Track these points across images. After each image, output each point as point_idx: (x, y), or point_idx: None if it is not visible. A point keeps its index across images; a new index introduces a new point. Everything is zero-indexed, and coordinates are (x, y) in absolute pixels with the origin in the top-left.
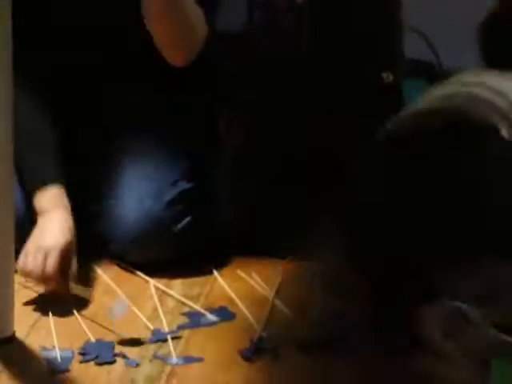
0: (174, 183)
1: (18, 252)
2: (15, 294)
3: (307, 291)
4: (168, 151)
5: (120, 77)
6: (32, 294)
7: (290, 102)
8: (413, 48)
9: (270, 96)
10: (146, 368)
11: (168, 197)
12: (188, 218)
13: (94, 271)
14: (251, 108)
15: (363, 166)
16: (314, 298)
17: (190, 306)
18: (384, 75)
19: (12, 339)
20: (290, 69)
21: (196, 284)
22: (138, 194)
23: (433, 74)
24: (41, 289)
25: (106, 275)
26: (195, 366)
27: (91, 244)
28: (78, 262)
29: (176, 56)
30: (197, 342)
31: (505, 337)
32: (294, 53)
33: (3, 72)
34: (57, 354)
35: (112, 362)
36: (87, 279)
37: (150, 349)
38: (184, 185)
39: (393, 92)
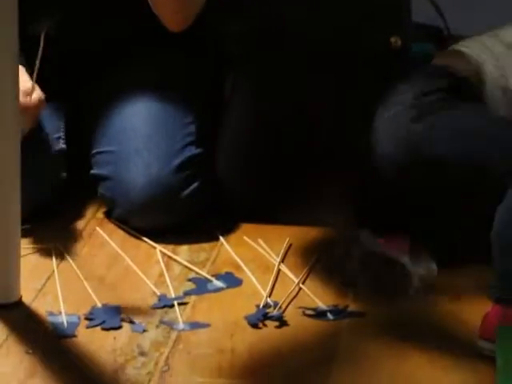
0: (183, 148)
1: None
2: (22, 259)
3: (313, 257)
4: (176, 116)
5: (128, 42)
6: (39, 259)
7: (297, 68)
8: (420, 12)
9: (276, 62)
10: (153, 333)
11: (176, 162)
12: (196, 184)
13: (100, 236)
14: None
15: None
16: (320, 263)
17: (197, 272)
18: (392, 40)
19: (18, 304)
20: (296, 35)
21: (202, 250)
22: (146, 158)
23: (441, 38)
24: None
25: (112, 240)
26: (201, 331)
27: (97, 208)
28: (86, 226)
29: (173, 21)
30: (203, 307)
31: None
32: (299, 18)
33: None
34: (63, 319)
35: (118, 328)
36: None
37: (157, 314)
38: (192, 150)
39: (401, 57)
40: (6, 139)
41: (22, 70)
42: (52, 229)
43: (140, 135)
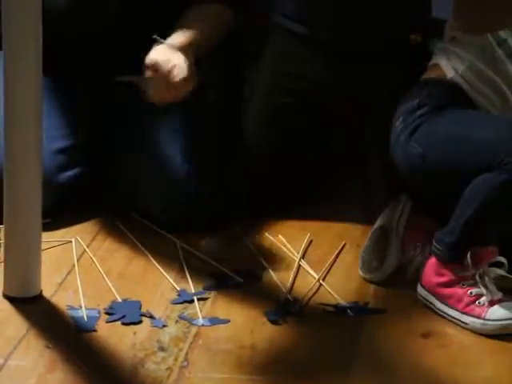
0: (202, 145)
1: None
2: (42, 252)
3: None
4: (193, 115)
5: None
6: (60, 253)
7: (319, 64)
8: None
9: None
10: (172, 329)
11: (195, 159)
12: (215, 179)
13: (121, 231)
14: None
15: None
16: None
17: (217, 268)
18: (413, 37)
19: (39, 298)
20: (318, 31)
21: (223, 245)
22: (164, 157)
23: None
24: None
25: (133, 235)
26: (221, 327)
27: (119, 204)
28: (107, 221)
29: None
30: (223, 303)
31: None
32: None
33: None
34: (83, 313)
35: (138, 323)
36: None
37: (176, 309)
38: (210, 146)
39: (421, 53)
40: (26, 137)
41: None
42: (73, 223)
43: (156, 135)
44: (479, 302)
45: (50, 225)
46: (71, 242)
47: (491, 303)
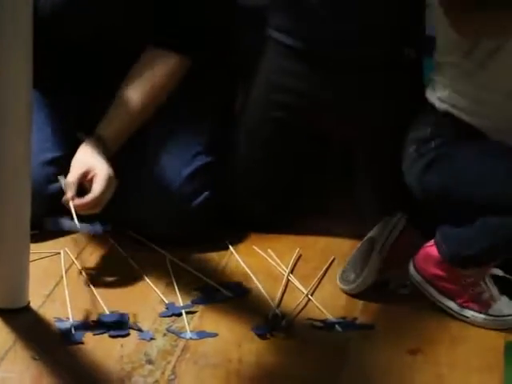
0: (193, 158)
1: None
2: (30, 264)
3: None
4: (186, 126)
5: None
6: (48, 265)
7: (313, 78)
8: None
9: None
10: (160, 342)
11: (186, 172)
12: (206, 193)
13: (110, 243)
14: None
15: None
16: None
17: (205, 281)
18: (406, 52)
19: (26, 309)
20: (313, 45)
21: (211, 259)
22: (157, 168)
23: None
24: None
25: (122, 248)
26: (209, 341)
27: (108, 215)
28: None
29: None
30: (211, 317)
31: None
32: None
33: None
34: (71, 325)
35: (126, 335)
36: (102, 250)
37: (164, 323)
38: (202, 159)
39: (414, 68)
40: (16, 149)
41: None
42: (61, 235)
43: (150, 146)
44: (481, 298)
45: (38, 236)
46: (59, 253)
47: (493, 298)
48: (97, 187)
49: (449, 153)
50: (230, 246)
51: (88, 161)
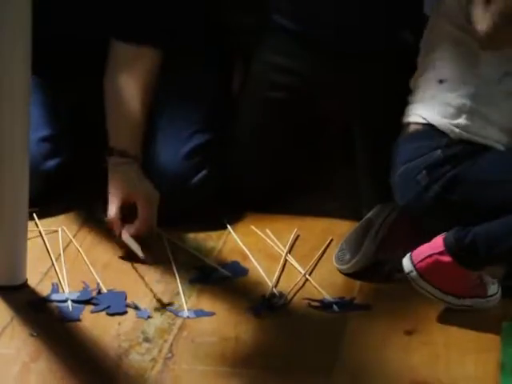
0: (191, 136)
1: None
2: (28, 242)
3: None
4: (184, 105)
5: None
6: (46, 243)
7: (313, 61)
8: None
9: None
10: (157, 320)
11: (184, 150)
12: (204, 171)
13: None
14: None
15: None
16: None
17: (203, 261)
18: (404, 35)
19: (24, 287)
20: (315, 29)
21: (209, 238)
22: (155, 147)
23: None
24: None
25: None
26: (206, 319)
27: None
28: (93, 212)
29: None
30: (208, 296)
31: None
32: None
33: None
34: (68, 303)
35: (123, 313)
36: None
37: (162, 301)
38: (200, 138)
39: (413, 52)
40: (14, 125)
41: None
42: (59, 213)
43: (148, 125)
44: (480, 285)
45: (36, 214)
46: (57, 231)
47: (488, 280)
48: (142, 213)
49: (465, 169)
50: (228, 226)
51: (123, 190)
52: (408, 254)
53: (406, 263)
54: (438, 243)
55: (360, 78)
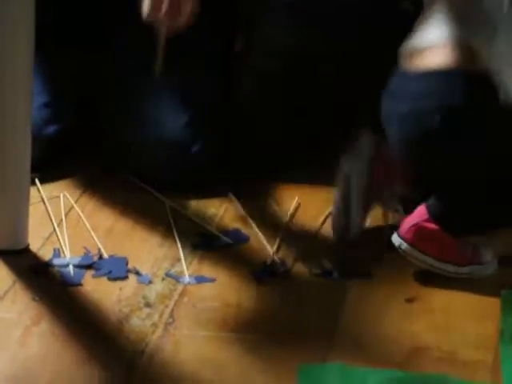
0: (191, 103)
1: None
2: (30, 207)
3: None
4: (185, 71)
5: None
6: (47, 208)
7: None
8: None
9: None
10: (158, 286)
11: (185, 117)
12: (205, 139)
13: (110, 187)
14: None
15: None
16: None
17: (205, 227)
18: (403, 4)
19: (26, 251)
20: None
21: (211, 205)
22: (155, 114)
23: None
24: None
25: (121, 193)
26: (207, 285)
27: (108, 160)
28: (95, 178)
29: None
30: (210, 262)
31: None
32: None
33: None
34: (70, 267)
35: (124, 278)
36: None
37: (163, 267)
38: (202, 104)
39: (411, 21)
40: (17, 89)
41: None
42: (60, 179)
43: (147, 94)
44: (473, 250)
45: (38, 179)
46: (59, 197)
47: (482, 247)
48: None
49: None
50: (230, 193)
51: None
52: (395, 232)
53: (395, 239)
54: (421, 211)
55: (359, 48)
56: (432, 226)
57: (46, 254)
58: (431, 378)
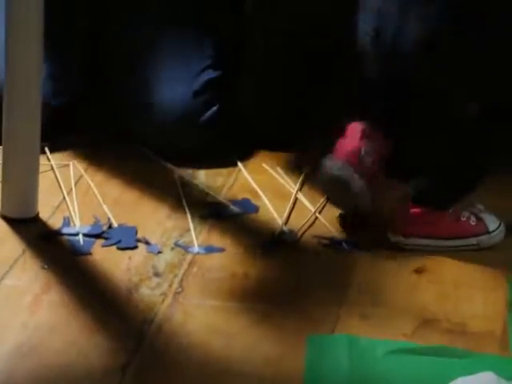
0: (201, 72)
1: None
2: (40, 175)
3: None
4: (194, 40)
5: None
6: (57, 177)
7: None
8: None
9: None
10: (168, 255)
11: (195, 86)
12: (215, 108)
13: (119, 157)
14: None
15: None
16: None
17: (214, 197)
18: None
19: (35, 220)
20: None
21: (220, 175)
22: (165, 83)
23: None
24: None
25: (131, 162)
26: (216, 255)
27: (118, 130)
28: (104, 147)
29: None
30: (218, 232)
31: None
32: None
33: None
34: (79, 236)
35: (134, 248)
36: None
37: (172, 237)
38: (210, 74)
39: None
40: (27, 58)
41: None
42: (70, 147)
43: (157, 62)
44: (475, 220)
45: (48, 148)
46: (68, 165)
47: (485, 216)
48: None
49: None
50: (239, 163)
51: None
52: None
53: (391, 238)
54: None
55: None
56: (417, 210)
57: (55, 223)
58: (440, 349)
